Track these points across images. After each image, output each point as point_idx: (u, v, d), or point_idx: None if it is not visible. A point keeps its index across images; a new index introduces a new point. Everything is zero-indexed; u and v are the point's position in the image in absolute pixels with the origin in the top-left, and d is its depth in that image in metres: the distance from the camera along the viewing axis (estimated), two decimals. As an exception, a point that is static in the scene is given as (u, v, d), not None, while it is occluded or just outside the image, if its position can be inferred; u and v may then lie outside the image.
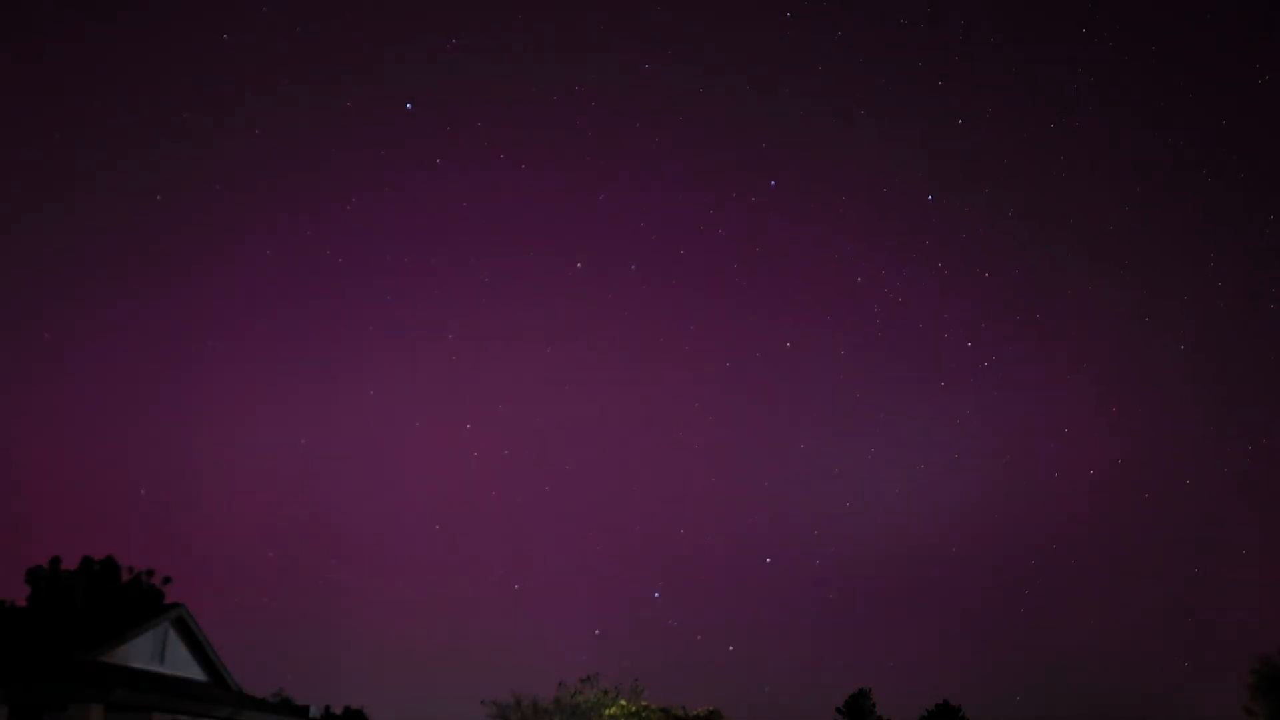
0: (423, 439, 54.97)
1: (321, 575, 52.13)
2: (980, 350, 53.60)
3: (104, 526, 52.66)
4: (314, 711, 37.91)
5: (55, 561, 30.20)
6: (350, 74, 50.64)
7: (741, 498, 56.52)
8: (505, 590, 51.93)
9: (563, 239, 54.46)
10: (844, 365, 55.14)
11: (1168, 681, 49.95)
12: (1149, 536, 55.43)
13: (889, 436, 57.14)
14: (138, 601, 29.12)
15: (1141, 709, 48.50)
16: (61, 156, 48.89)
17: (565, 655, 50.69)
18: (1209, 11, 51.24)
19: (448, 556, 54.40)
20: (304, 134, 52.07)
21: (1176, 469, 54.51)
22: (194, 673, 22.35)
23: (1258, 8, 51.35)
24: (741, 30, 51.14)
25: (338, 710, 39.55)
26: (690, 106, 51.84)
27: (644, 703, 31.09)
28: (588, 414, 56.86)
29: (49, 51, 48.38)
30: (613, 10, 50.47)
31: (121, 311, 52.99)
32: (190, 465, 53.85)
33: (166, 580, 31.90)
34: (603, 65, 50.82)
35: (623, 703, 30.27)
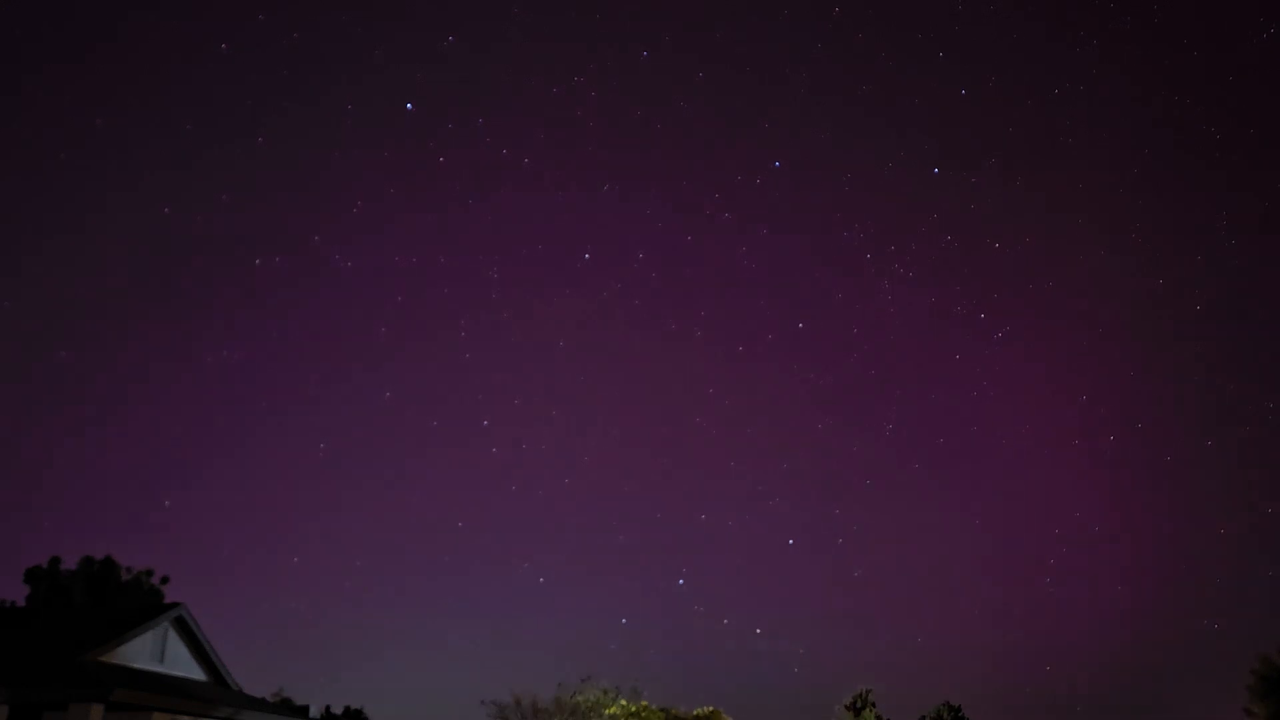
0: (441, 438, 54.97)
1: (339, 578, 52.16)
2: (993, 321, 53.46)
3: (106, 527, 52.77)
4: (314, 711, 37.91)
5: (55, 561, 30.22)
6: (350, 75, 50.61)
7: (761, 481, 56.52)
8: (530, 583, 52.00)
9: (569, 231, 54.41)
10: (857, 343, 55.00)
11: (1167, 681, 49.94)
12: (1160, 519, 55.44)
13: (905, 412, 57.18)
14: (138, 601, 29.15)
15: (1141, 708, 48.54)
16: (65, 171, 48.84)
17: (594, 645, 50.63)
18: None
19: (471, 553, 54.50)
20: (306, 138, 51.94)
21: (1198, 433, 54.33)
22: (194, 672, 22.34)
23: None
24: (739, 11, 51.02)
25: (338, 710, 39.54)
26: (690, 92, 51.66)
27: (644, 703, 31.09)
28: (603, 404, 56.93)
29: (49, 68, 48.34)
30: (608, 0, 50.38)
31: (130, 321, 52.99)
32: (200, 468, 53.91)
33: (165, 580, 31.96)
34: (601, 55, 50.76)
35: (623, 702, 30.25)
